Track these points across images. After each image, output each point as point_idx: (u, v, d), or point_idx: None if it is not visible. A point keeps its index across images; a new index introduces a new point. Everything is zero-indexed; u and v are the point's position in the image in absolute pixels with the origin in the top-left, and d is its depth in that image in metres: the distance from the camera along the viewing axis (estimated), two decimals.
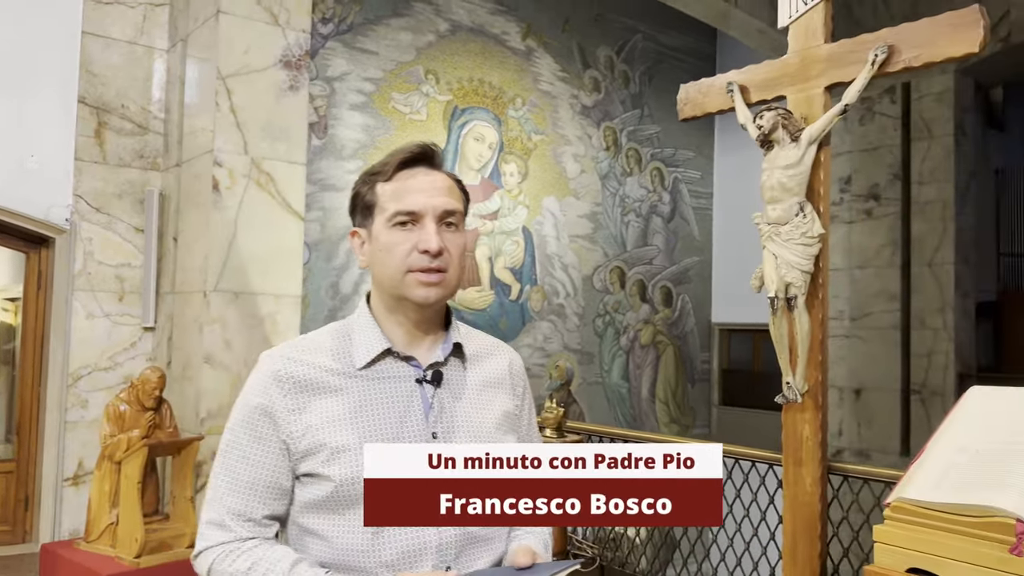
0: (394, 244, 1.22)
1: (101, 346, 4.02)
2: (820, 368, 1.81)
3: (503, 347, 1.41)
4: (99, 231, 4.05)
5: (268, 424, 1.21)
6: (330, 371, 1.23)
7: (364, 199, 1.28)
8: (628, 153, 7.91)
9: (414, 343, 1.28)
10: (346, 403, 1.21)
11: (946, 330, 6.68)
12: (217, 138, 3.70)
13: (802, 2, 1.81)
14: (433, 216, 1.23)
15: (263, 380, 1.23)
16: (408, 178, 1.25)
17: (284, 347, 1.27)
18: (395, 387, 1.24)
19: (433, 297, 1.23)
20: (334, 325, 1.31)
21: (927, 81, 6.75)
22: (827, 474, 1.83)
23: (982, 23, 1.55)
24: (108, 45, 4.10)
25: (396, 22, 6.48)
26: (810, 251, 1.73)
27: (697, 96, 2.04)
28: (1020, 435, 1.31)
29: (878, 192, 7.06)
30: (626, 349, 7.86)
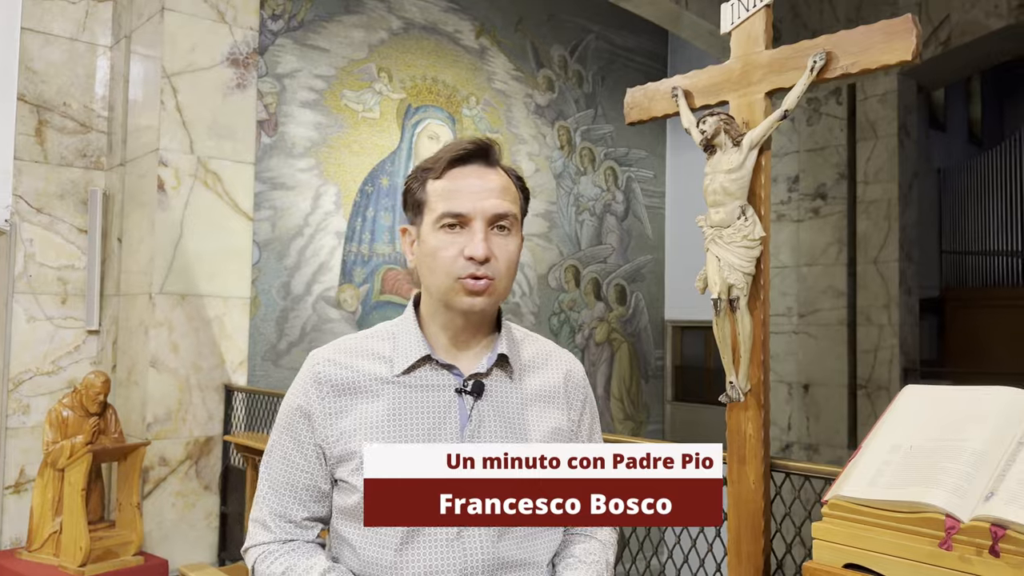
0: (440, 248, 1.16)
1: (43, 350, 3.92)
2: (762, 367, 1.85)
3: (562, 356, 1.33)
4: (40, 232, 3.95)
5: (306, 427, 1.20)
6: (369, 375, 1.20)
7: (415, 196, 1.22)
8: (582, 152, 7.96)
9: (458, 350, 1.23)
10: (381, 410, 1.17)
11: (891, 326, 6.86)
12: (162, 137, 3.64)
13: (743, 8, 1.85)
14: (483, 219, 1.16)
15: (304, 381, 1.22)
16: (459, 177, 1.19)
17: (329, 347, 1.24)
18: (432, 396, 1.19)
19: (479, 307, 1.17)
20: (383, 326, 1.28)
21: (872, 83, 6.91)
22: (770, 471, 1.87)
23: (915, 32, 1.59)
24: (48, 41, 3.99)
25: (348, 19, 6.43)
26: (751, 253, 1.76)
27: (643, 101, 2.06)
28: (950, 432, 1.35)
29: (825, 191, 7.21)
30: (581, 347, 7.91)
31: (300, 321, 6.06)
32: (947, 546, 1.20)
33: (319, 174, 6.21)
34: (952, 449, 1.30)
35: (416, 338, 1.22)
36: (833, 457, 7.01)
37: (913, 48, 1.60)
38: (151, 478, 3.56)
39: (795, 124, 7.38)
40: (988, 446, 1.30)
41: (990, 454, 1.28)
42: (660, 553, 2.40)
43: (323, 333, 6.21)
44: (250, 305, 5.22)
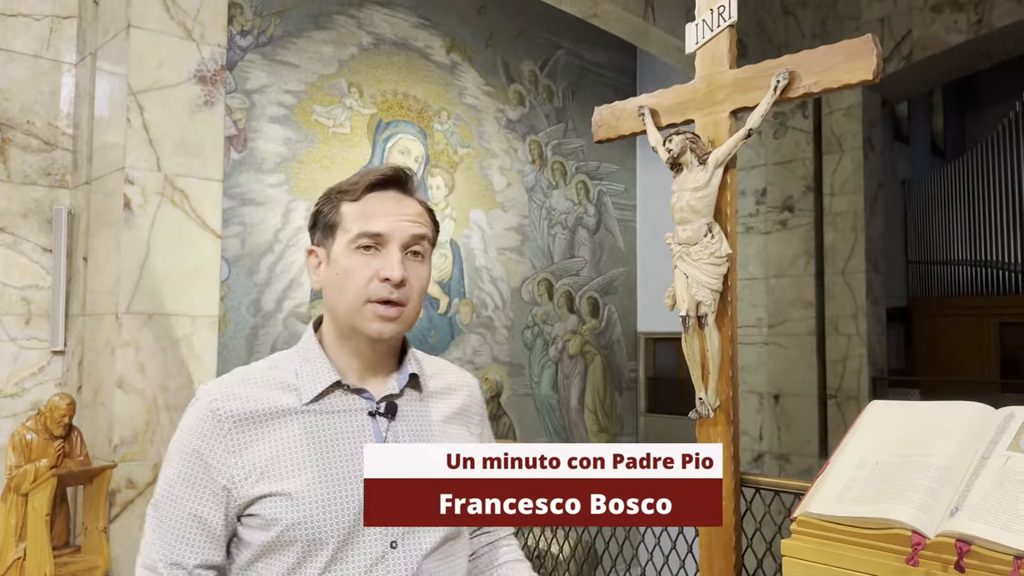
0: (353, 269, 1.15)
1: (6, 371, 3.84)
2: (731, 383, 1.87)
3: (463, 377, 1.35)
4: (3, 252, 3.88)
5: (201, 468, 1.12)
6: (275, 406, 1.15)
7: (326, 217, 1.20)
8: (554, 166, 8.00)
9: (366, 374, 1.21)
10: (293, 439, 1.13)
11: (859, 336, 6.95)
12: (128, 155, 3.59)
13: (708, 28, 1.87)
14: (399, 242, 1.16)
15: (200, 419, 1.14)
16: (377, 200, 1.18)
17: (223, 380, 1.18)
18: (346, 421, 1.16)
19: (388, 333, 1.16)
20: (280, 355, 1.24)
21: (836, 97, 7.02)
22: (740, 486, 1.88)
23: (875, 52, 1.62)
24: (11, 59, 3.94)
25: (318, 35, 6.42)
26: (719, 270, 1.78)
27: (610, 119, 2.07)
28: (916, 447, 1.37)
29: (792, 204, 7.30)
30: (555, 360, 7.92)
31: (271, 338, 6.01)
32: (913, 562, 1.22)
33: (289, 190, 6.18)
34: (918, 464, 1.32)
35: (323, 364, 1.19)
36: (804, 466, 7.07)
37: (874, 68, 1.62)
38: (118, 501, 3.50)
39: (762, 138, 7.48)
40: (952, 461, 1.31)
41: (954, 469, 1.30)
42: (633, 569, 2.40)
43: None
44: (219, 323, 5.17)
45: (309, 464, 1.12)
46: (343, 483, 1.13)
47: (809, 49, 1.74)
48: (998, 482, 1.23)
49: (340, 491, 1.12)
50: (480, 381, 7.21)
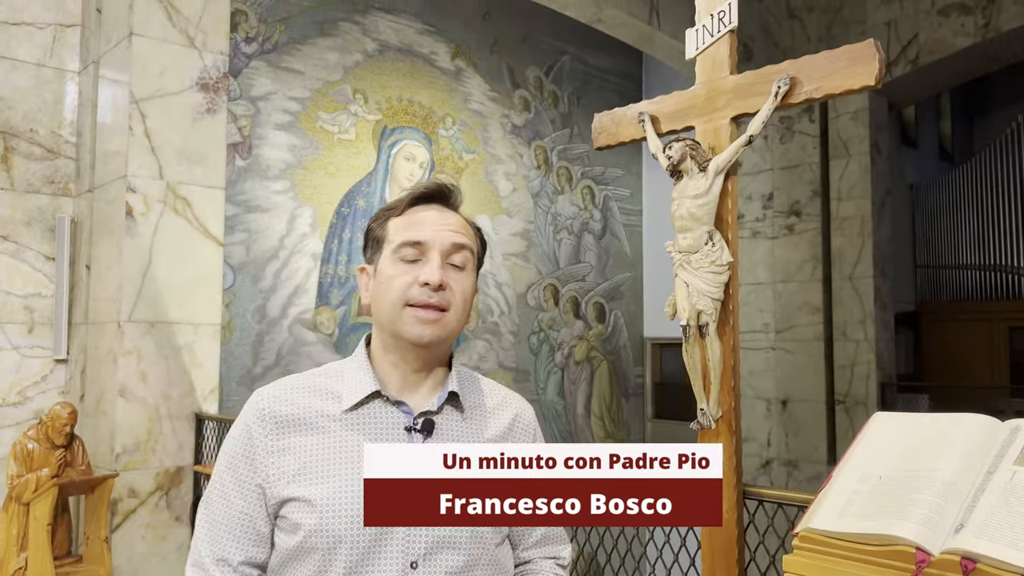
0: (394, 276, 1.16)
1: (9, 380, 3.84)
2: (733, 394, 1.84)
3: (512, 399, 1.32)
4: (6, 260, 3.88)
5: (247, 465, 1.15)
6: (316, 412, 1.17)
7: (374, 234, 1.23)
8: (559, 172, 7.98)
9: (409, 387, 1.21)
10: (326, 447, 1.14)
11: (867, 341, 6.90)
12: (131, 163, 3.59)
13: (708, 34, 1.85)
14: (440, 249, 1.17)
15: (248, 418, 1.18)
16: (420, 212, 1.21)
17: (275, 384, 1.21)
18: (380, 433, 1.16)
19: (427, 336, 1.15)
20: (332, 365, 1.25)
21: (843, 101, 6.99)
22: (743, 499, 1.85)
23: (877, 57, 1.59)
24: (15, 67, 3.94)
25: (323, 42, 6.42)
26: (720, 279, 1.75)
27: (610, 126, 2.05)
28: (921, 461, 1.34)
29: (799, 208, 7.26)
30: (561, 366, 7.88)
31: (276, 345, 6.00)
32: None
33: (294, 196, 6.17)
34: (922, 479, 1.29)
35: (366, 374, 1.19)
36: (813, 473, 7.02)
37: (876, 73, 1.60)
38: (120, 510, 3.49)
39: (768, 142, 7.45)
40: (958, 476, 1.28)
41: (960, 484, 1.27)
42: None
43: (300, 356, 6.15)
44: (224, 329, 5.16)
45: (336, 473, 1.13)
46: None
47: (810, 54, 1.71)
48: (1004, 498, 1.20)
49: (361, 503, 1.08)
50: None
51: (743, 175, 7.72)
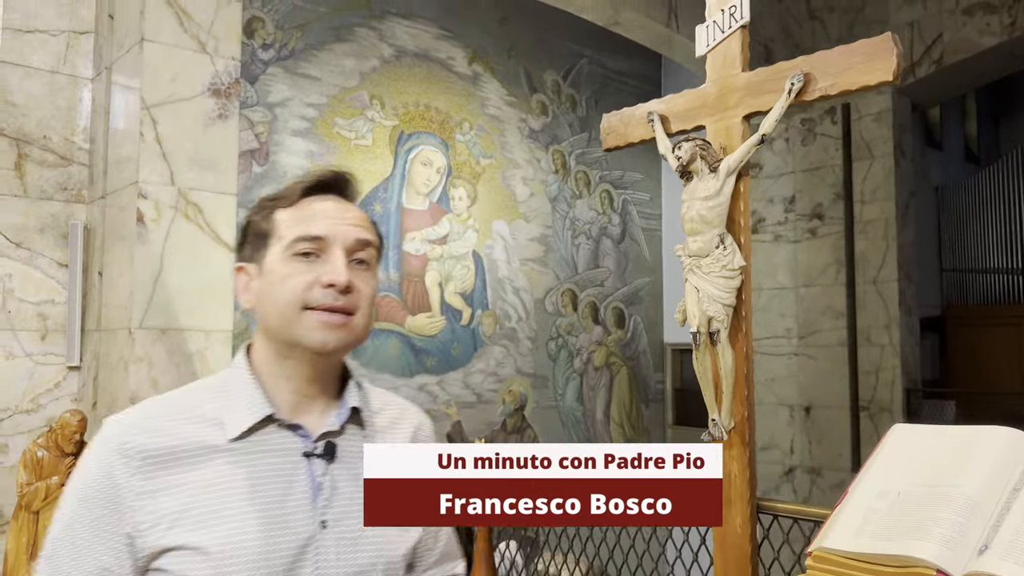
0: (289, 275, 1.01)
1: (22, 387, 3.84)
2: (746, 404, 1.76)
3: (409, 411, 1.21)
4: (20, 267, 3.88)
5: (109, 512, 0.96)
6: (194, 443, 0.99)
7: (257, 227, 1.07)
8: (577, 176, 7.92)
9: (303, 407, 1.06)
10: (213, 483, 0.98)
11: (892, 346, 6.76)
12: (142, 169, 3.57)
13: (719, 30, 1.78)
14: (343, 245, 1.03)
15: (104, 455, 0.98)
16: (315, 203, 1.06)
17: (136, 411, 1.04)
18: (276, 463, 1.01)
19: (333, 343, 1.02)
20: (205, 382, 1.10)
21: (866, 102, 6.87)
22: (756, 513, 1.78)
23: (895, 51, 1.52)
24: (28, 74, 3.95)
25: (339, 48, 6.41)
26: (731, 284, 1.68)
27: (619, 126, 1.99)
28: (941, 478, 1.26)
29: (822, 211, 7.15)
30: (580, 371, 7.81)
31: None
32: None
33: None
34: (943, 496, 1.21)
35: (254, 394, 1.04)
36: (836, 480, 6.88)
37: (894, 68, 1.53)
38: None
39: (790, 145, 7.34)
40: (981, 493, 1.20)
41: (983, 502, 1.19)
42: None
43: None
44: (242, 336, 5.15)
45: (229, 513, 0.97)
46: (268, 537, 0.98)
47: (825, 49, 1.64)
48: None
49: (264, 546, 0.98)
50: (503, 393, 7.15)
51: (764, 178, 7.61)
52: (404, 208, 6.72)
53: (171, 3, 3.67)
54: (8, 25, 3.89)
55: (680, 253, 1.78)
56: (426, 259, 6.77)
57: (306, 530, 1.00)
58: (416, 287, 6.72)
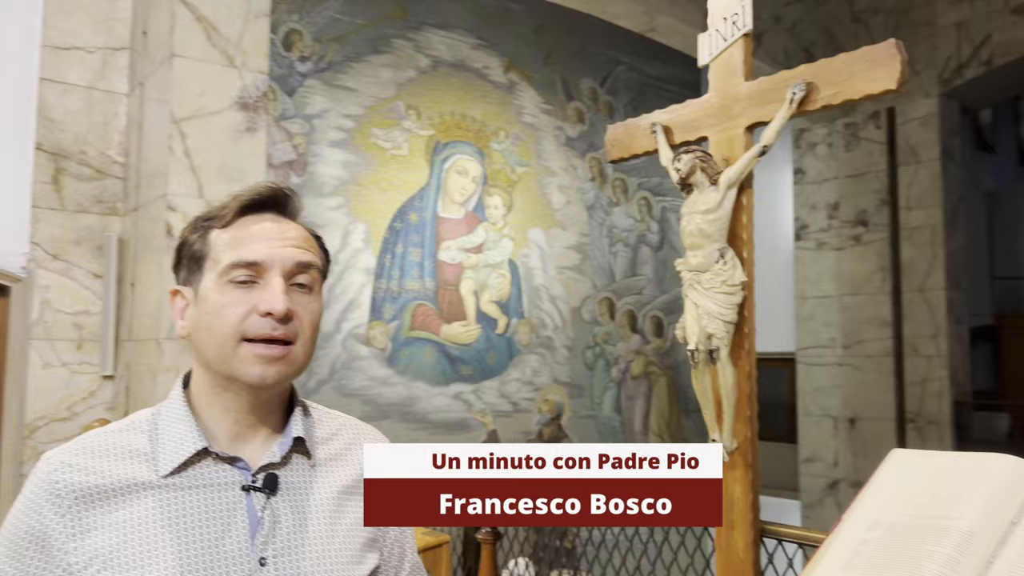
0: (225, 305, 0.96)
1: (59, 396, 3.94)
2: (749, 424, 1.71)
3: (362, 434, 1.14)
4: (57, 278, 3.98)
5: (38, 554, 0.93)
6: (126, 480, 0.95)
7: (192, 248, 1.01)
8: (614, 183, 7.85)
9: (242, 438, 1.01)
10: (146, 522, 0.94)
11: (940, 356, 6.56)
12: (170, 182, 3.64)
13: (721, 39, 1.73)
14: (281, 270, 0.98)
15: (36, 493, 0.95)
16: (252, 224, 1.00)
17: (68, 447, 0.98)
18: (213, 498, 0.97)
19: (272, 378, 0.97)
20: (140, 415, 1.05)
21: (911, 106, 6.69)
22: (760, 537, 1.72)
23: (899, 58, 1.46)
24: (66, 91, 4.06)
25: (376, 59, 6.46)
26: (732, 300, 1.63)
27: (624, 137, 1.95)
28: (938, 508, 1.19)
29: (866, 218, 6.97)
30: (617, 381, 7.73)
31: (329, 359, 6.03)
32: None
33: (348, 212, 6.21)
34: (937, 528, 1.14)
35: (187, 427, 0.99)
36: None
37: (898, 76, 1.46)
38: None
39: (833, 149, 7.18)
40: (978, 526, 1.14)
41: (979, 535, 1.12)
42: None
43: (352, 371, 6.16)
44: None
45: (161, 553, 0.93)
46: (205, 574, 0.94)
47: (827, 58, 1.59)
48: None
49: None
50: (540, 402, 7.11)
51: (806, 184, 7.46)
52: (440, 217, 6.73)
53: (200, 19, 3.74)
54: (47, 43, 4.01)
55: (680, 268, 1.73)
56: (461, 267, 6.77)
57: (243, 568, 0.96)
58: (451, 295, 6.73)
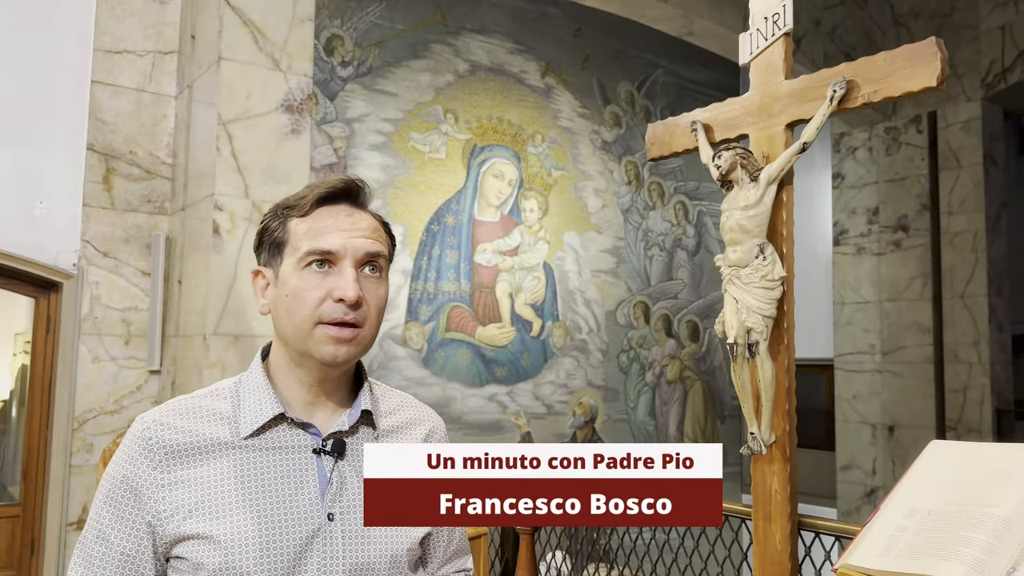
0: (303, 290, 1.06)
1: (107, 389, 4.05)
2: (787, 418, 1.72)
3: (425, 413, 1.24)
4: (106, 275, 4.10)
5: (131, 500, 1.04)
6: (210, 439, 1.06)
7: (273, 235, 1.12)
8: (651, 187, 7.85)
9: (315, 407, 1.12)
10: (227, 477, 1.04)
11: (981, 364, 6.46)
12: (217, 182, 3.74)
13: (762, 38, 1.76)
14: (353, 259, 1.07)
15: (131, 448, 1.06)
16: (327, 215, 1.10)
17: (161, 408, 1.10)
18: (287, 459, 1.07)
19: (343, 357, 1.07)
20: (224, 383, 1.15)
21: (953, 110, 6.61)
22: (798, 530, 1.73)
23: (939, 56, 1.47)
24: (117, 93, 4.19)
25: (415, 64, 6.55)
26: (771, 295, 1.65)
27: (664, 136, 1.98)
28: (972, 497, 1.21)
29: (907, 223, 6.90)
30: (652, 385, 7.72)
31: (367, 359, 6.06)
32: None
33: (386, 214, 6.29)
34: (974, 516, 1.16)
35: (266, 394, 1.09)
36: None
37: (938, 73, 1.48)
38: None
39: (873, 154, 7.12)
40: (1015, 513, 1.15)
41: (1017, 522, 1.14)
42: None
43: (389, 371, 6.24)
44: None
45: (239, 505, 1.03)
46: (277, 528, 1.04)
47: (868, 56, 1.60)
48: None
49: (273, 536, 1.03)
50: (573, 405, 7.12)
51: (846, 188, 7.39)
52: (476, 220, 6.79)
53: (247, 23, 3.84)
54: (99, 47, 4.14)
55: (720, 263, 1.76)
56: (497, 270, 6.82)
57: (313, 522, 1.05)
58: (487, 298, 6.78)
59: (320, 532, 1.06)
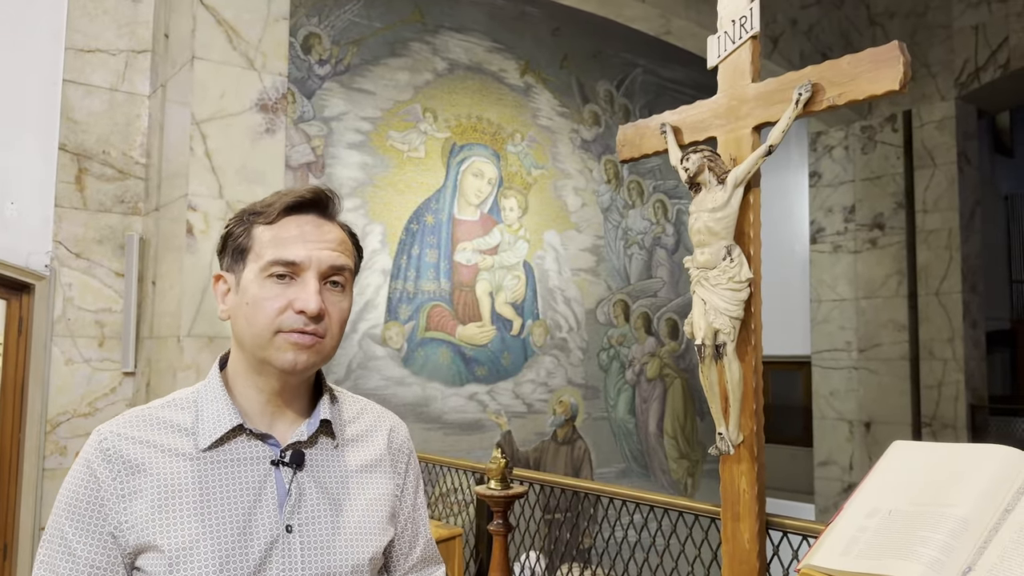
0: (264, 299, 1.05)
1: (80, 392, 4.01)
2: (755, 418, 1.74)
3: (384, 417, 1.24)
4: (79, 276, 4.06)
5: (95, 512, 1.02)
6: (168, 451, 1.05)
7: (237, 241, 1.10)
8: (630, 186, 7.88)
9: (273, 417, 1.11)
10: (185, 491, 1.03)
11: (956, 360, 6.54)
12: (191, 182, 3.71)
13: (730, 41, 1.77)
14: (317, 271, 1.07)
15: (90, 459, 1.04)
16: (294, 225, 1.09)
17: (118, 420, 1.09)
18: (245, 471, 1.06)
19: (302, 364, 1.07)
20: (183, 393, 1.14)
21: (928, 109, 6.68)
22: (766, 529, 1.75)
23: (902, 60, 1.49)
24: (90, 92, 4.14)
25: (394, 62, 6.52)
26: (738, 296, 1.66)
27: (634, 137, 1.99)
28: (932, 497, 1.23)
29: (882, 221, 6.96)
30: (632, 383, 7.75)
31: (346, 359, 6.09)
32: None
33: (365, 213, 6.27)
34: (933, 516, 1.18)
35: (224, 405, 1.08)
36: None
37: (900, 77, 1.49)
38: None
39: (849, 152, 7.18)
40: (972, 513, 1.17)
41: (974, 522, 1.15)
42: None
43: (369, 371, 6.22)
44: None
45: (197, 519, 1.02)
46: (234, 541, 1.03)
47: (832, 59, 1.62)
48: (1018, 539, 1.08)
49: (231, 550, 1.02)
50: (555, 403, 7.14)
51: (822, 187, 7.45)
52: (455, 219, 6.78)
53: (221, 22, 3.81)
54: (71, 45, 4.09)
55: (689, 265, 1.77)
56: (477, 269, 6.82)
57: (270, 534, 1.05)
58: (467, 297, 6.77)
59: (278, 544, 1.05)
